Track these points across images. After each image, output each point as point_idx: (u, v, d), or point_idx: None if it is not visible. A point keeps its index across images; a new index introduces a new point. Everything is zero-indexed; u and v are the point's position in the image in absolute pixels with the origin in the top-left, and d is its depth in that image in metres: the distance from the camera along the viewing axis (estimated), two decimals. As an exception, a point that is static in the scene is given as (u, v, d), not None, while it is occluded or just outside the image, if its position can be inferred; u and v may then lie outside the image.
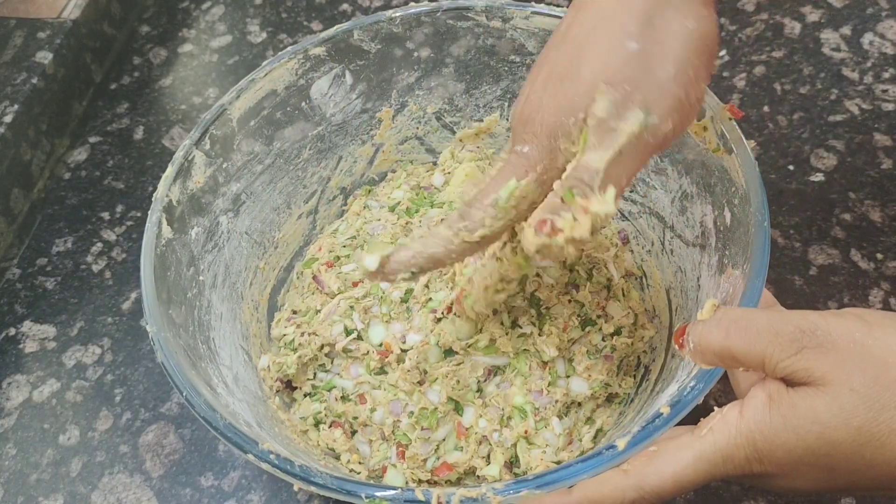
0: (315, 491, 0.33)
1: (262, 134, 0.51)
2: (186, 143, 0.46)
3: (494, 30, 0.52)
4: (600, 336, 0.47)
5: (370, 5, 0.82)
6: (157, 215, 0.43)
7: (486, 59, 0.54)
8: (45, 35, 0.71)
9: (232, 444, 0.35)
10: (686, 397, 0.34)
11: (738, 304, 0.36)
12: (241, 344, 0.48)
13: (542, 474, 0.32)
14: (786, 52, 0.71)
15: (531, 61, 0.53)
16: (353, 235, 0.54)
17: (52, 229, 0.65)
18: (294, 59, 0.50)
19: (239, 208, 0.50)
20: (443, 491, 0.32)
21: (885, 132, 0.63)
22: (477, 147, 0.57)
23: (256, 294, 0.51)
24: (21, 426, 0.54)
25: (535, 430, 0.44)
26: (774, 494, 0.46)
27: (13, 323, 0.60)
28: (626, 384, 0.47)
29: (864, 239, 0.57)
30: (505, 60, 0.54)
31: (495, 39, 0.53)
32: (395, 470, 0.45)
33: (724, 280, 0.41)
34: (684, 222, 0.47)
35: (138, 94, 0.76)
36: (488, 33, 0.53)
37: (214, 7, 0.84)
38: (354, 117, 0.55)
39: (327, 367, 0.49)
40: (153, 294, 0.40)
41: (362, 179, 0.58)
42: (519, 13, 0.51)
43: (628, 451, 0.32)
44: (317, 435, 0.47)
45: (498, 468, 0.44)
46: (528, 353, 0.46)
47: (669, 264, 0.49)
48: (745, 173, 0.40)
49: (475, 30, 0.53)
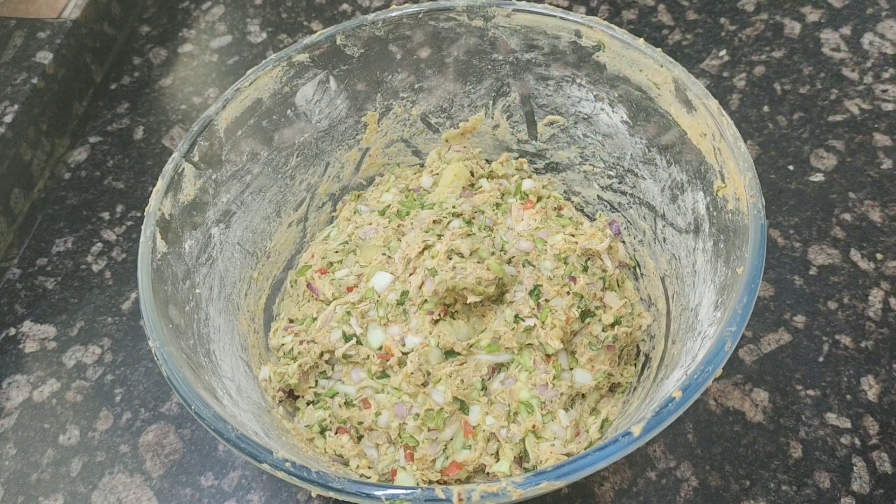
0: (333, 496, 0.33)
1: (249, 143, 0.50)
2: (175, 155, 0.46)
3: (476, 29, 0.52)
4: (600, 327, 0.47)
5: (370, 5, 0.82)
6: (150, 230, 0.43)
7: (470, 58, 0.54)
8: (45, 35, 0.71)
9: (246, 455, 0.35)
10: (696, 380, 0.34)
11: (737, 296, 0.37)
12: (241, 355, 0.47)
13: (561, 465, 0.33)
14: (786, 52, 0.71)
15: (514, 59, 0.53)
16: (344, 241, 0.53)
17: (52, 229, 0.65)
18: (278, 66, 0.50)
19: (230, 219, 0.50)
20: (463, 488, 0.32)
21: (885, 132, 0.63)
22: (463, 147, 0.57)
23: (252, 304, 0.51)
24: (21, 426, 0.54)
25: (542, 424, 0.45)
26: (774, 494, 0.47)
27: (13, 323, 0.60)
28: (628, 373, 0.48)
29: (864, 239, 0.58)
30: (488, 59, 0.54)
31: (478, 39, 0.53)
32: (405, 472, 0.45)
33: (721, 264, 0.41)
34: (675, 210, 0.48)
35: (138, 94, 0.76)
36: (470, 33, 0.53)
37: (214, 7, 0.84)
38: (340, 122, 0.55)
39: (328, 374, 0.49)
40: (153, 308, 0.40)
41: (350, 185, 0.58)
42: (500, 11, 0.51)
43: (644, 436, 0.33)
44: (323, 442, 0.47)
45: (508, 464, 0.44)
46: (532, 347, 0.46)
47: (663, 252, 0.49)
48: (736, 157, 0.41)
49: (457, 30, 0.53)
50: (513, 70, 0.54)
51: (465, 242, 0.47)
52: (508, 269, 0.48)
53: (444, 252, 0.47)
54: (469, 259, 0.47)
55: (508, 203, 0.54)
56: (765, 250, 0.38)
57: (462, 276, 0.45)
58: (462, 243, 0.47)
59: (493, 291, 0.47)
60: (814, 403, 0.50)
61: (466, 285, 0.45)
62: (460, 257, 0.47)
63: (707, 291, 0.42)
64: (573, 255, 0.49)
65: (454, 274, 0.46)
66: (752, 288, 0.37)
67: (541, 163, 0.58)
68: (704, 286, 0.43)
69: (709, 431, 0.49)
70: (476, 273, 0.46)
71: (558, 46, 0.51)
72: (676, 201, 0.48)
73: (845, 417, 0.49)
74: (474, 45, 0.53)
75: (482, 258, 0.47)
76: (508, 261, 0.49)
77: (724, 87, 0.69)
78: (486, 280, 0.46)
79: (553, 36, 0.51)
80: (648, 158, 0.50)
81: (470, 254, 0.47)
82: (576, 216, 0.55)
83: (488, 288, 0.46)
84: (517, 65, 0.53)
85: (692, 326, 0.42)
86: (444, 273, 0.46)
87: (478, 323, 0.47)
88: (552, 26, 0.50)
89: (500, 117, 0.57)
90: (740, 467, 0.48)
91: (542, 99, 0.54)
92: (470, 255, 0.47)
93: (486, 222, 0.52)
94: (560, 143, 0.56)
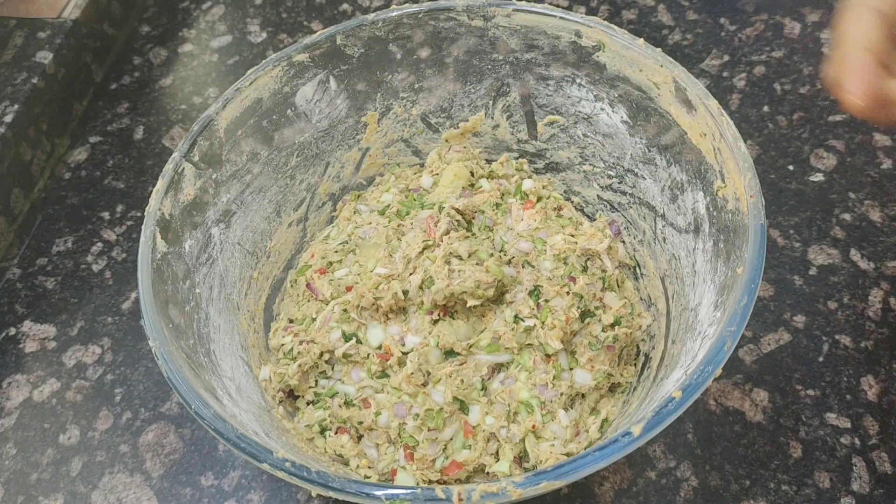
0: (333, 496, 0.33)
1: (249, 143, 0.50)
2: (175, 155, 0.46)
3: (476, 29, 0.52)
4: (600, 327, 0.47)
5: (370, 5, 0.82)
6: (150, 229, 0.43)
7: (470, 58, 0.54)
8: (45, 35, 0.71)
9: (246, 455, 0.35)
10: (696, 380, 0.34)
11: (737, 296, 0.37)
12: (241, 355, 0.47)
13: (561, 465, 0.33)
14: (786, 52, 0.71)
15: (514, 59, 0.53)
16: (344, 241, 0.53)
17: (53, 229, 0.65)
18: (278, 66, 0.50)
19: (230, 219, 0.50)
20: (463, 487, 0.32)
21: (885, 132, 0.64)
22: (463, 147, 0.57)
23: (252, 304, 0.51)
24: (21, 426, 0.54)
25: (542, 424, 0.45)
26: (774, 494, 0.47)
27: (13, 323, 0.60)
28: (628, 373, 0.48)
29: (864, 239, 0.58)
30: (488, 59, 0.54)
31: (478, 38, 0.53)
32: (404, 472, 0.45)
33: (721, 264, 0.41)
34: (675, 210, 0.48)
35: (138, 94, 0.76)
36: (470, 33, 0.53)
37: (214, 7, 0.84)
38: (340, 122, 0.55)
39: (328, 374, 0.49)
40: (153, 308, 0.40)
41: (350, 185, 0.58)
42: (500, 11, 0.51)
43: (644, 436, 0.33)
44: (323, 442, 0.47)
45: (508, 464, 0.44)
46: (532, 347, 0.46)
47: (663, 252, 0.49)
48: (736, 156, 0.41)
49: (457, 30, 0.53)
50: (513, 70, 0.54)
51: (463, 245, 0.47)
52: (508, 270, 0.48)
53: (441, 257, 0.47)
54: (468, 261, 0.47)
55: (508, 203, 0.54)
56: (765, 250, 0.38)
57: (460, 281, 0.45)
58: (460, 245, 0.47)
59: (493, 294, 0.47)
60: (814, 403, 0.50)
61: (465, 289, 0.46)
62: (459, 259, 0.47)
63: (707, 291, 0.42)
64: (573, 256, 0.49)
65: (451, 280, 0.46)
66: (752, 288, 0.37)
67: (541, 163, 0.58)
68: (704, 286, 0.43)
69: (709, 431, 0.50)
70: (475, 276, 0.46)
71: (558, 46, 0.51)
72: (676, 201, 0.48)
73: (845, 417, 0.49)
74: (474, 44, 0.53)
75: (481, 260, 0.47)
76: (508, 261, 0.49)
77: (724, 87, 0.69)
78: (486, 283, 0.46)
79: (553, 36, 0.51)
80: (648, 158, 0.50)
81: (469, 255, 0.47)
82: (576, 216, 0.55)
83: (487, 291, 0.46)
84: (517, 65, 0.53)
85: (692, 326, 0.42)
86: (441, 282, 0.46)
87: (477, 323, 0.47)
88: (552, 26, 0.50)
89: (500, 117, 0.57)
90: (740, 467, 0.48)
91: (542, 99, 0.54)
92: (469, 257, 0.47)
93: (485, 222, 0.52)
94: (560, 143, 0.56)
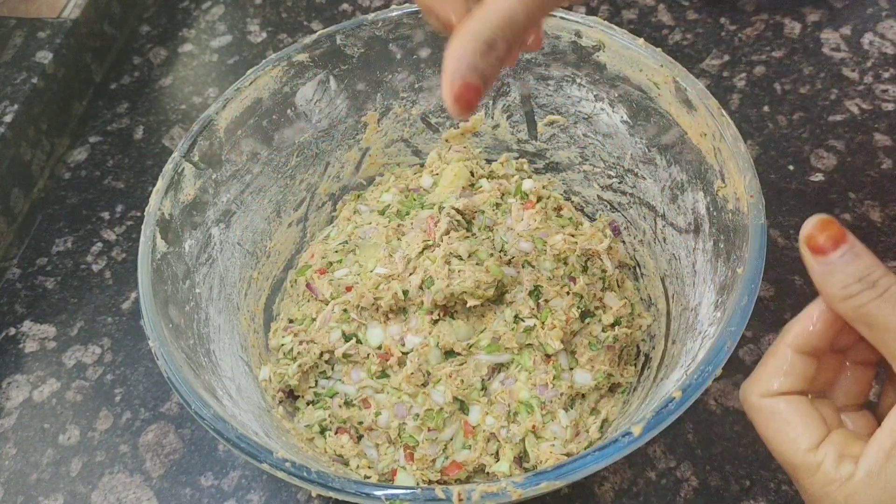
0: (333, 496, 0.33)
1: (249, 143, 0.50)
2: (175, 155, 0.46)
3: None
4: (600, 327, 0.47)
5: (370, 5, 0.82)
6: (150, 229, 0.43)
7: (469, 58, 0.54)
8: (45, 35, 0.71)
9: (246, 455, 0.35)
10: (696, 380, 0.34)
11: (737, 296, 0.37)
12: (241, 355, 0.47)
13: (561, 465, 0.33)
14: (786, 52, 0.71)
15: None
16: (344, 241, 0.53)
17: (52, 229, 0.65)
18: (278, 66, 0.50)
19: (230, 219, 0.50)
20: (463, 487, 0.32)
21: (885, 132, 0.63)
22: (464, 147, 0.57)
23: (252, 304, 0.51)
24: (21, 426, 0.54)
25: (542, 424, 0.45)
26: (774, 494, 0.47)
27: (13, 323, 0.60)
28: (628, 373, 0.48)
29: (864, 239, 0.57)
30: (488, 59, 0.54)
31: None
32: (404, 472, 0.45)
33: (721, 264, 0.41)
34: (675, 210, 0.48)
35: (138, 93, 0.76)
36: None
37: (214, 7, 0.84)
38: (340, 122, 0.55)
39: (328, 374, 0.49)
40: (153, 308, 0.40)
41: (350, 185, 0.58)
42: None
43: (644, 436, 0.33)
44: (323, 442, 0.47)
45: (508, 464, 0.44)
46: (532, 347, 0.46)
47: (663, 252, 0.49)
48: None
49: None
50: (513, 70, 0.54)
51: (463, 245, 0.47)
52: (508, 270, 0.48)
53: (441, 257, 0.47)
54: (468, 261, 0.47)
55: (508, 203, 0.54)
56: (765, 250, 0.38)
57: (460, 281, 0.45)
58: (460, 246, 0.47)
59: (493, 294, 0.47)
60: (814, 403, 0.50)
61: (465, 290, 0.45)
62: (459, 259, 0.47)
63: (707, 291, 0.42)
64: (573, 256, 0.49)
65: (451, 281, 0.46)
66: (752, 288, 0.37)
67: (541, 163, 0.58)
68: (704, 286, 0.43)
69: (709, 431, 0.49)
70: (475, 276, 0.46)
71: (558, 46, 0.51)
72: (676, 201, 0.48)
73: (845, 417, 0.49)
74: (474, 44, 0.53)
75: (481, 260, 0.47)
76: (508, 261, 0.49)
77: (724, 87, 0.69)
78: (486, 283, 0.46)
79: (553, 36, 0.51)
80: (648, 158, 0.50)
81: (469, 255, 0.47)
82: (575, 216, 0.55)
83: (487, 291, 0.46)
84: (517, 64, 0.53)
85: (692, 326, 0.42)
86: (441, 282, 0.46)
87: (477, 323, 0.47)
88: (552, 26, 0.50)
89: (500, 117, 0.57)
90: (740, 467, 0.48)
91: (542, 99, 0.54)
92: (469, 258, 0.47)
93: (485, 222, 0.52)
94: (560, 143, 0.56)
